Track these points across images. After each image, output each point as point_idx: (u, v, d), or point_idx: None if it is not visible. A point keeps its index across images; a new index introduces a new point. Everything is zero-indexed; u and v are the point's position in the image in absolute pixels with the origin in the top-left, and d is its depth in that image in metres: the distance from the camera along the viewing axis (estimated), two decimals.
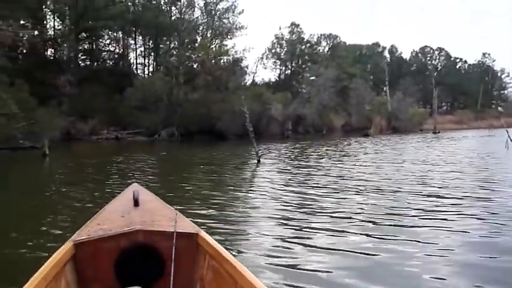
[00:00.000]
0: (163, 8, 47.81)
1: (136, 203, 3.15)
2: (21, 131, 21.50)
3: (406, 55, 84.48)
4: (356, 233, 5.53)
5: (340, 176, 11.24)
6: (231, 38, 47.63)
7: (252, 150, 16.61)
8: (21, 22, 29.02)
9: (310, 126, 43.92)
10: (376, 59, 76.36)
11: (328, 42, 68.28)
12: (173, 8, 45.99)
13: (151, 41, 50.88)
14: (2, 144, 20.84)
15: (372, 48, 79.52)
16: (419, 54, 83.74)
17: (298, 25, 60.65)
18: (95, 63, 47.76)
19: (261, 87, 43.98)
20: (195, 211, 6.92)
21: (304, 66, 60.66)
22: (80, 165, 15.88)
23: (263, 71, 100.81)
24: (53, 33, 43.74)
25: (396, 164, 14.52)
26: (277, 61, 61.22)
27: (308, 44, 62.82)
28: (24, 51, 37.31)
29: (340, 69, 53.03)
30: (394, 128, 47.38)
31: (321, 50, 66.04)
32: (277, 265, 4.42)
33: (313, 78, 50.27)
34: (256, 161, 15.53)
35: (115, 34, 47.84)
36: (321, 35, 66.44)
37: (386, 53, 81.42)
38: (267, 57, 60.22)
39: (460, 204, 7.29)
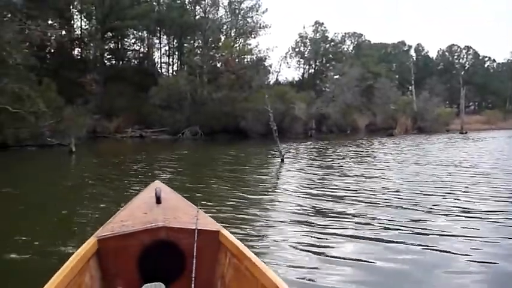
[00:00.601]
0: (187, 7, 48.05)
1: (158, 200, 3.19)
2: (48, 128, 21.86)
3: (433, 54, 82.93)
4: (375, 239, 5.30)
5: (363, 178, 10.95)
6: (254, 37, 47.60)
7: (276, 149, 16.47)
8: (49, 22, 29.52)
9: (334, 126, 43.46)
10: (401, 57, 75.08)
11: (353, 40, 67.55)
12: (197, 7, 46.17)
13: (175, 40, 51.20)
14: (30, 141, 21.27)
15: (397, 47, 78.24)
16: (446, 53, 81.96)
17: (322, 24, 60.17)
18: (120, 63, 48.38)
19: (284, 86, 43.74)
20: (217, 209, 6.84)
21: (328, 65, 60.09)
22: (105, 162, 16.02)
23: (287, 70, 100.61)
24: (79, 32, 44.49)
25: (422, 165, 14.11)
26: (301, 60, 60.82)
27: (332, 43, 62.20)
28: (52, 50, 38.02)
29: (364, 68, 52.27)
30: (420, 128, 46.47)
31: (345, 49, 65.35)
32: (298, 265, 4.33)
33: (337, 77, 49.69)
34: (279, 160, 15.38)
35: (140, 33, 48.28)
36: (345, 33, 65.81)
37: (412, 52, 79.94)
38: (290, 56, 59.93)
39: (489, 211, 6.92)
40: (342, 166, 13.98)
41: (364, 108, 49.96)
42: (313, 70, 61.22)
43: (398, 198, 7.99)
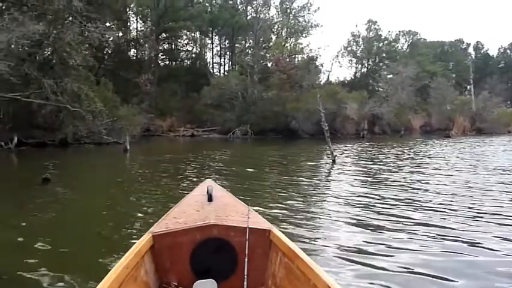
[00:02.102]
0: (239, 7, 48.52)
1: (210, 198, 3.30)
2: (105, 127, 22.63)
3: (493, 52, 78.78)
4: (430, 247, 4.95)
5: (418, 182, 10.39)
6: (306, 36, 47.33)
7: (327, 149, 16.15)
8: (107, 24, 30.51)
9: (387, 126, 42.29)
10: (459, 56, 71.87)
11: (407, 39, 65.37)
12: (249, 7, 46.53)
13: (227, 41, 51.82)
14: (88, 139, 22.11)
15: (454, 45, 74.98)
16: (508, 51, 77.66)
17: (376, 22, 58.70)
18: (174, 63, 49.54)
19: (336, 86, 43.06)
20: (266, 209, 6.73)
21: (381, 64, 58.59)
22: (158, 160, 16.31)
23: (338, 69, 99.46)
24: (135, 34, 45.96)
25: (481, 169, 13.32)
26: (353, 59, 59.68)
27: (386, 41, 60.52)
28: (110, 51, 39.44)
29: (419, 67, 50.46)
30: (479, 129, 44.32)
31: (400, 47, 63.39)
32: (348, 268, 4.19)
33: (390, 76, 48.39)
34: (331, 161, 15.05)
35: (193, 34, 49.19)
36: (399, 31, 63.75)
37: (470, 50, 76.52)
38: (342, 55, 58.97)
39: None
40: (395, 169, 13.45)
41: (418, 109, 48.29)
42: (365, 69, 59.91)
43: (458, 205, 7.50)
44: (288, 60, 41.96)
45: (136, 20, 46.41)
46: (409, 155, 19.25)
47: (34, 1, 22.18)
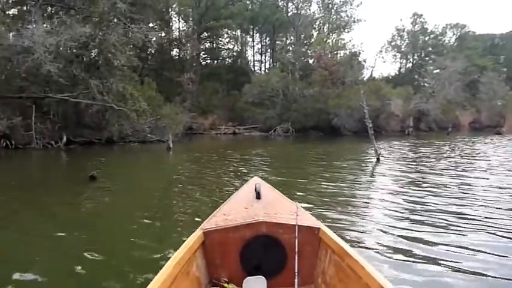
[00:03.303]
0: (280, 4, 48.28)
1: (258, 195, 3.32)
2: (149, 125, 23.08)
3: None
4: (478, 250, 4.66)
5: (467, 183, 9.85)
6: (348, 32, 46.66)
7: (371, 147, 15.75)
8: (150, 25, 31.11)
9: (434, 123, 40.97)
10: (511, 49, 68.55)
11: (455, 32, 62.87)
12: (290, 3, 46.24)
13: (268, 38, 51.75)
14: (132, 137, 22.62)
15: (506, 38, 71.37)
16: None
17: (421, 15, 56.78)
18: (215, 62, 49.96)
19: (379, 82, 42.07)
20: (310, 207, 6.58)
21: (427, 58, 56.68)
22: (200, 158, 16.44)
23: (382, 65, 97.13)
24: (177, 34, 46.69)
25: None
26: (397, 54, 58.09)
27: (432, 35, 58.48)
28: (153, 51, 40.21)
29: (468, 61, 48.47)
30: None
31: (447, 41, 61.08)
32: (397, 268, 4.07)
33: (437, 71, 46.72)
34: (375, 159, 14.65)
35: (234, 32, 49.47)
36: (446, 24, 61.44)
37: None
38: (386, 50, 57.49)
39: None
40: (442, 168, 12.91)
41: (467, 105, 46.49)
42: (410, 64, 58.20)
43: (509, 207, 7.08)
44: (329, 56, 41.45)
45: (178, 19, 47.20)
46: (457, 153, 18.49)
47: (81, 4, 22.91)
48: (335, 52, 43.86)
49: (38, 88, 20.32)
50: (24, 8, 25.47)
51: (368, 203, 7.50)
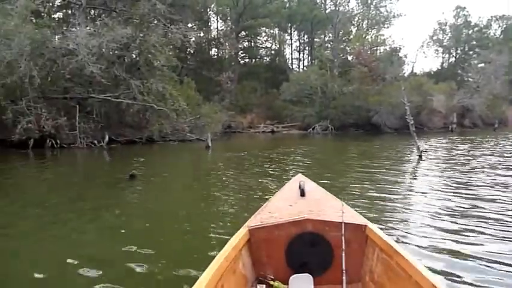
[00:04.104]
0: (318, 1, 47.86)
1: (302, 193, 3.32)
2: (188, 124, 23.37)
3: None
4: None
5: None
6: (388, 27, 45.85)
7: (413, 144, 15.31)
8: (189, 25, 31.56)
9: (479, 119, 39.40)
10: None
11: (501, 24, 60.15)
12: (328, 0, 45.74)
13: (306, 36, 51.37)
14: (172, 136, 22.97)
15: None
16: None
17: (464, 8, 54.82)
18: (253, 60, 50.08)
19: (421, 77, 40.91)
20: (351, 205, 6.40)
21: (471, 52, 54.65)
22: (239, 156, 16.48)
23: (423, 60, 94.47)
24: (216, 33, 47.12)
25: None
26: (440, 48, 56.34)
27: (476, 28, 56.31)
28: (192, 51, 40.77)
29: None
30: None
31: (492, 34, 58.63)
32: (440, 268, 3.91)
33: (482, 65, 44.91)
34: (417, 157, 14.22)
35: (272, 31, 49.43)
36: (491, 16, 58.94)
37: None
38: (427, 45, 55.92)
39: None
40: (489, 165, 12.36)
41: None
42: (453, 59, 56.31)
43: None
44: (369, 52, 40.70)
45: (217, 19, 47.64)
46: (505, 150, 17.69)
47: (122, 6, 23.50)
48: (374, 48, 43.08)
49: (82, 89, 20.99)
50: (69, 11, 26.40)
51: (410, 203, 7.26)
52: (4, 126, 17.91)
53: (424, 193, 7.99)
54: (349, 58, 42.69)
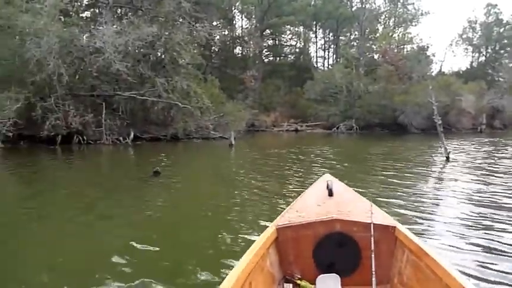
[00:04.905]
0: None
1: (330, 193, 3.29)
2: (212, 122, 23.46)
3: None
4: None
5: None
6: (415, 25, 44.83)
7: (440, 145, 14.94)
8: (214, 23, 31.67)
9: (510, 120, 38.32)
10: None
11: None
12: None
13: (331, 34, 50.94)
14: (196, 134, 23.10)
15: None
16: None
17: (496, 5, 53.33)
18: (278, 58, 49.92)
19: (449, 77, 40.01)
20: (378, 206, 6.27)
21: (502, 51, 53.12)
22: (263, 155, 16.43)
23: (452, 59, 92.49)
24: (240, 31, 47.16)
25: None
26: (469, 47, 54.97)
27: (508, 26, 54.70)
28: (216, 49, 40.92)
29: None
30: None
31: None
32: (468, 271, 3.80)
33: None
34: (444, 159, 13.87)
35: (296, 29, 49.17)
36: None
37: None
38: (456, 43, 54.64)
39: None
40: None
41: None
42: (483, 58, 54.87)
43: None
44: (395, 51, 40.06)
45: (241, 17, 47.69)
46: None
47: (148, 5, 23.72)
48: (401, 46, 42.36)
49: (108, 86, 21.29)
50: (96, 10, 26.83)
51: (436, 206, 7.05)
52: (33, 123, 18.31)
53: (451, 196, 7.78)
54: (375, 56, 42.11)
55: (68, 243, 4.94)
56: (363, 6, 42.66)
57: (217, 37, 30.17)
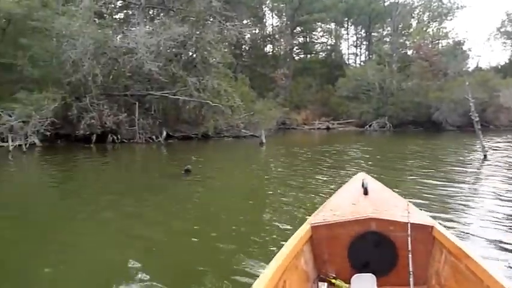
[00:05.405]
0: None
1: (366, 191, 3.21)
2: (242, 121, 23.53)
3: None
4: None
5: None
6: (451, 19, 43.65)
7: (477, 143, 14.48)
8: (244, 21, 31.72)
9: None
10: None
11: None
12: None
13: (363, 30, 50.20)
14: (227, 132, 23.23)
15: None
16: None
17: None
18: (308, 56, 49.57)
19: (487, 72, 38.73)
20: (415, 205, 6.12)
21: None
22: (294, 153, 16.35)
23: (490, 54, 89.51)
24: (271, 29, 47.08)
25: None
26: (508, 41, 53.02)
27: None
28: (247, 48, 40.97)
29: None
30: None
31: None
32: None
33: None
34: (482, 157, 13.42)
35: (327, 26, 48.69)
36: None
37: None
38: (494, 37, 52.81)
39: None
40: None
41: None
42: None
43: None
44: (430, 46, 39.09)
45: (272, 15, 47.59)
46: None
47: (179, 5, 23.98)
48: (436, 42, 41.33)
49: (141, 86, 21.68)
50: (129, 11, 27.34)
51: (473, 206, 6.80)
52: (69, 122, 18.88)
53: (488, 196, 7.51)
54: (409, 52, 41.23)
55: (106, 234, 5.21)
56: (396, 1, 41.75)
57: (248, 35, 30.17)
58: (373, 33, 49.01)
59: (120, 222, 5.93)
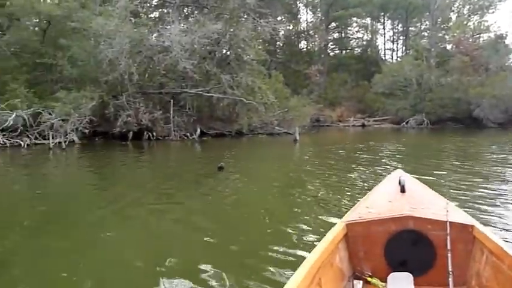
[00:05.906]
0: None
1: (403, 189, 3.15)
2: (276, 118, 23.44)
3: None
4: None
5: None
6: (493, 12, 41.85)
7: None
8: (278, 18, 31.56)
9: None
10: None
11: None
12: None
13: (400, 25, 48.99)
14: (261, 129, 23.19)
15: None
16: None
17: None
18: (344, 52, 48.83)
19: None
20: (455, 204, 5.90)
21: None
22: (329, 150, 16.16)
23: None
24: (305, 25, 46.70)
25: None
26: None
27: None
28: (281, 44, 40.81)
29: None
30: None
31: None
32: None
33: None
34: None
35: (363, 21, 47.86)
36: None
37: None
38: None
39: None
40: None
41: None
42: None
43: None
44: (470, 40, 37.75)
45: (306, 11, 47.18)
46: None
47: (213, 3, 24.10)
48: (477, 35, 39.83)
49: (176, 84, 21.95)
50: (164, 10, 27.69)
51: None
52: (107, 120, 19.33)
53: None
54: (448, 47, 39.96)
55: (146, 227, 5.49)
56: None
57: (282, 32, 30.04)
58: (410, 28, 47.72)
59: (155, 215, 6.22)
